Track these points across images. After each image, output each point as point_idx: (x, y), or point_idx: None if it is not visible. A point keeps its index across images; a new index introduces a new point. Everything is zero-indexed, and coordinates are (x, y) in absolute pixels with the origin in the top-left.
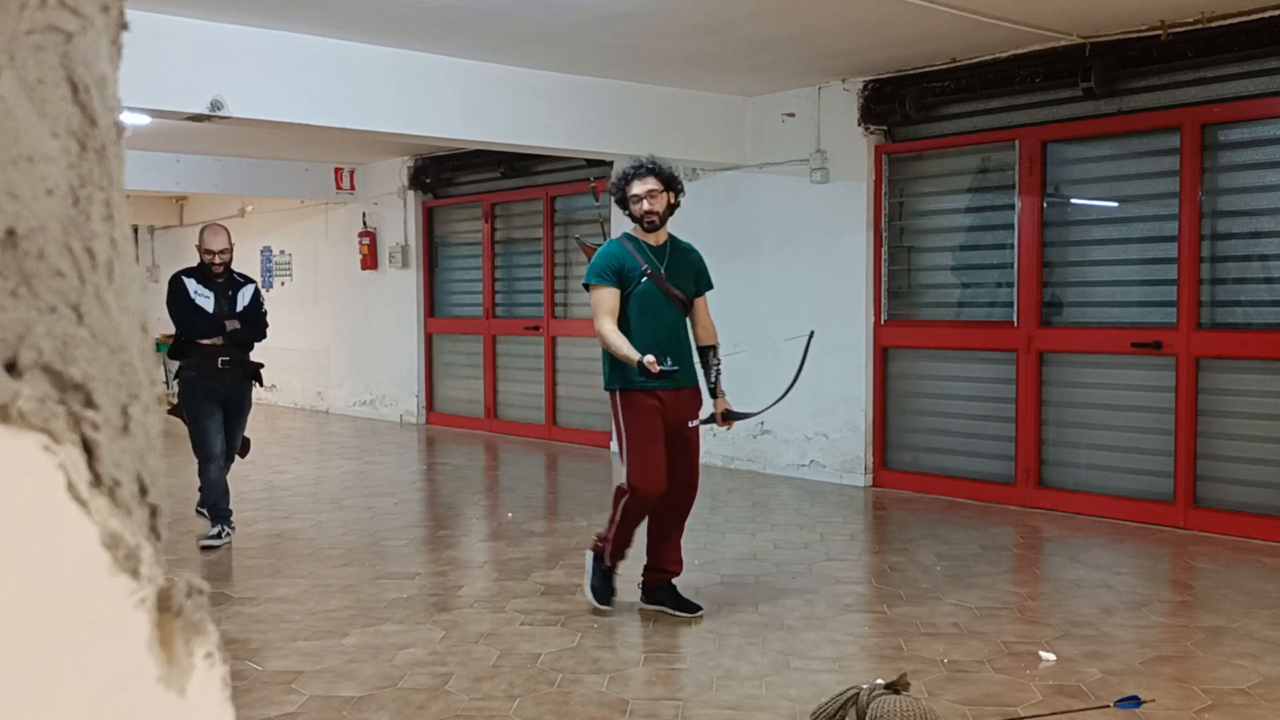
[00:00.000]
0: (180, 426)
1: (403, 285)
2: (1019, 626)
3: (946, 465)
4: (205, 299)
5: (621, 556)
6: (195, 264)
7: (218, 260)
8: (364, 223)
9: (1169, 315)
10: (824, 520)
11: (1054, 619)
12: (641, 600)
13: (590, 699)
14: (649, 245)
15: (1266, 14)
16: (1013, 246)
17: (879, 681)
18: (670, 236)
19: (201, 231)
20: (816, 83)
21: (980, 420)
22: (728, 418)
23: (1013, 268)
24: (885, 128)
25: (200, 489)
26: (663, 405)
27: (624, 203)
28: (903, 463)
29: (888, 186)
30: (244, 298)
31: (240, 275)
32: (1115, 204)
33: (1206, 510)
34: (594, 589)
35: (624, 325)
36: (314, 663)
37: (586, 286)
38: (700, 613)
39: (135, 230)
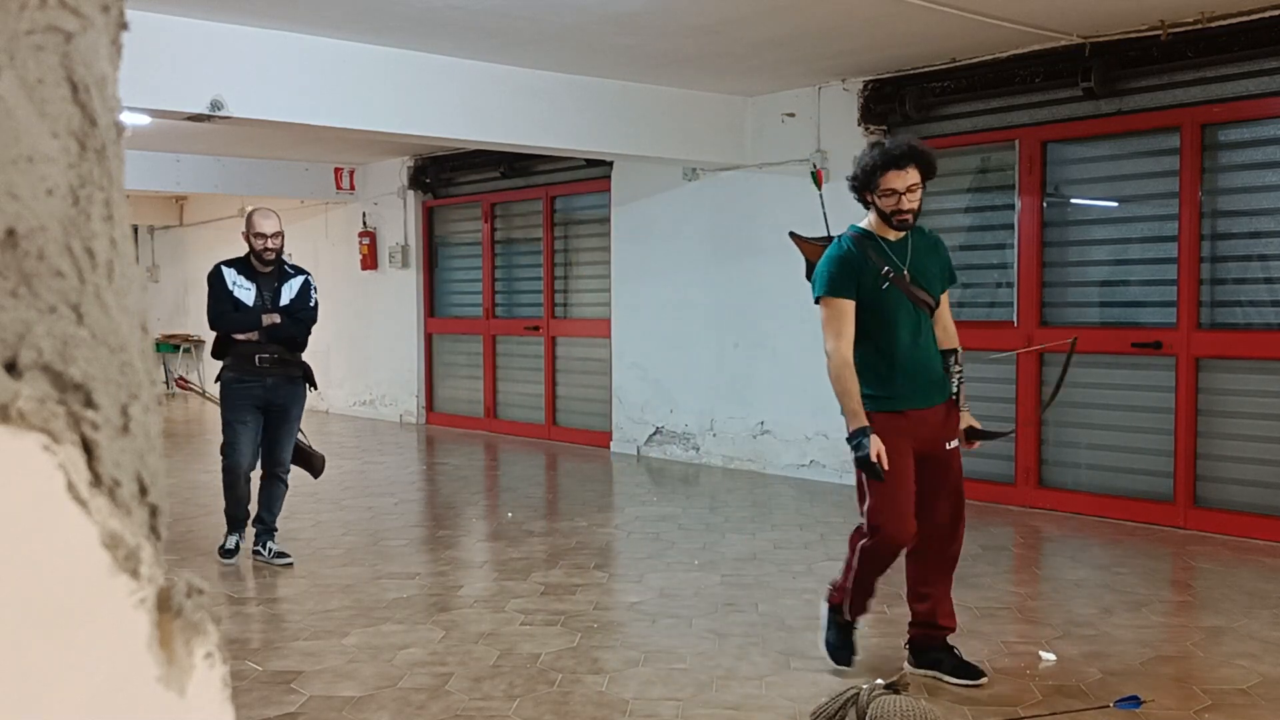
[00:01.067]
0: (191, 426)
1: (403, 285)
2: (1019, 626)
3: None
4: (246, 291)
5: (863, 609)
6: (239, 255)
7: (270, 245)
8: (364, 223)
9: (1169, 315)
10: (824, 520)
11: (1054, 619)
12: (910, 663)
13: (590, 699)
14: (886, 240)
15: (1266, 14)
16: (1013, 246)
17: (879, 682)
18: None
19: (250, 215)
20: (816, 83)
21: (980, 420)
22: (972, 437)
23: (1013, 268)
24: (885, 128)
25: (226, 496)
26: (911, 427)
27: (864, 189)
28: None
29: None
30: (290, 290)
31: (292, 266)
32: (1115, 204)
33: (1206, 510)
34: (831, 647)
35: (857, 338)
36: (314, 663)
37: (817, 299)
38: (984, 679)
39: (135, 230)
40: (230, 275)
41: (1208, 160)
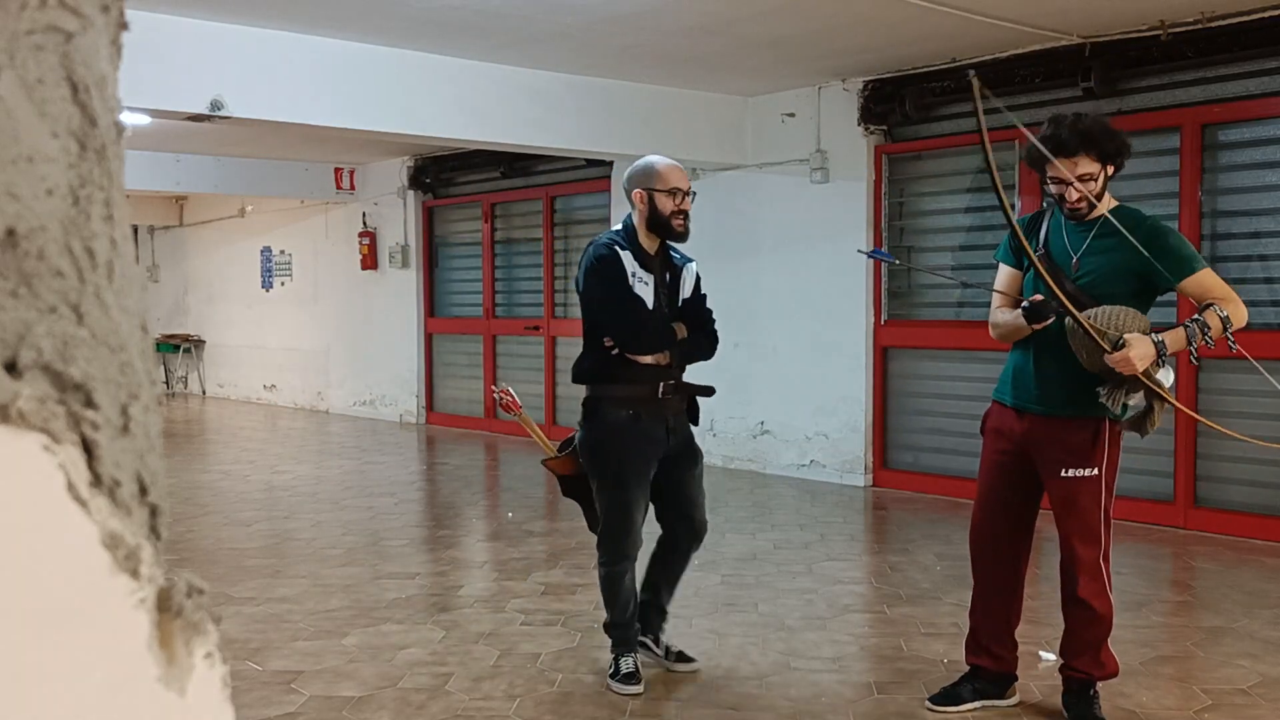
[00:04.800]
0: (191, 426)
1: (403, 285)
2: (1019, 626)
3: (946, 465)
4: (645, 286)
5: (974, 647)
6: (617, 228)
7: (687, 205)
8: (364, 223)
9: (1169, 315)
10: (824, 520)
11: (1054, 619)
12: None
13: (590, 699)
14: (1069, 223)
15: (1266, 14)
16: None
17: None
18: (1115, 212)
19: (654, 167)
20: (816, 83)
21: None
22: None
23: None
24: (885, 128)
25: (610, 602)
26: (1017, 434)
27: (1036, 171)
28: (903, 463)
29: (888, 186)
30: (686, 285)
31: (675, 251)
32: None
33: (1206, 510)
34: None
35: None
36: (314, 663)
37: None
38: None
39: (135, 230)
40: (628, 261)
41: (1208, 160)
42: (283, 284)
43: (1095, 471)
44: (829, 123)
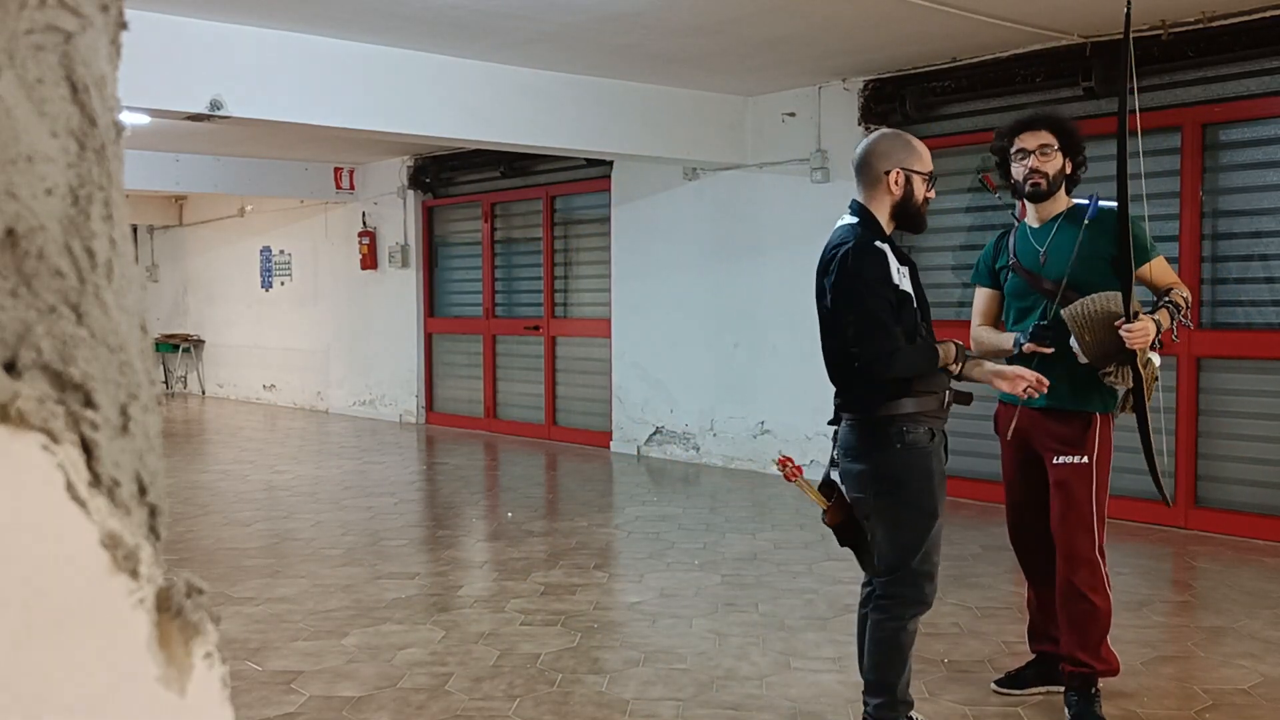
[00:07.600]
0: (191, 426)
1: (403, 285)
2: (1019, 626)
3: (947, 465)
4: (906, 281)
5: (1039, 635)
6: (851, 220)
7: (933, 193)
8: (364, 222)
9: None
10: None
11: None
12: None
13: (590, 699)
14: (1031, 228)
15: (1267, 14)
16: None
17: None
18: (1072, 208)
19: (912, 146)
20: (816, 83)
21: (980, 420)
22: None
23: None
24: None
25: (897, 664)
26: (1018, 429)
27: (1002, 162)
28: None
29: None
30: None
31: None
32: (1114, 204)
33: (1207, 510)
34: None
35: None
36: (314, 663)
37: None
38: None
39: (135, 230)
40: (893, 261)
41: (1208, 160)
42: (282, 284)
43: (1085, 460)
44: (829, 122)
